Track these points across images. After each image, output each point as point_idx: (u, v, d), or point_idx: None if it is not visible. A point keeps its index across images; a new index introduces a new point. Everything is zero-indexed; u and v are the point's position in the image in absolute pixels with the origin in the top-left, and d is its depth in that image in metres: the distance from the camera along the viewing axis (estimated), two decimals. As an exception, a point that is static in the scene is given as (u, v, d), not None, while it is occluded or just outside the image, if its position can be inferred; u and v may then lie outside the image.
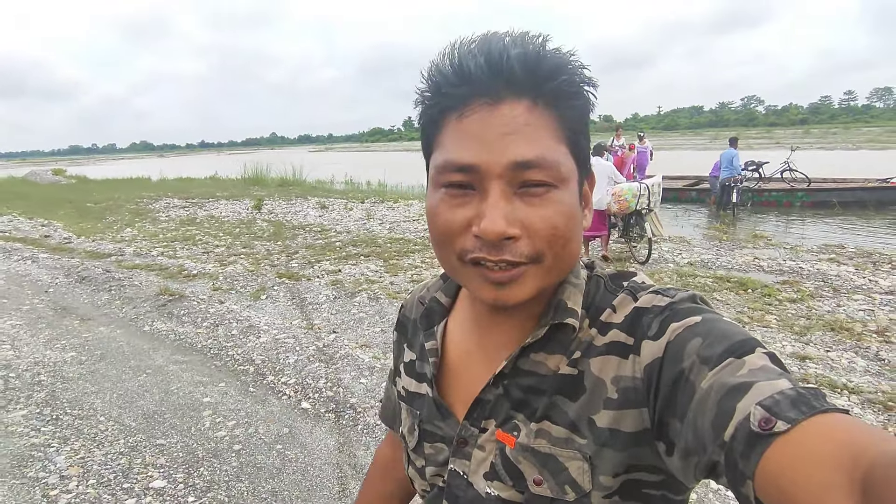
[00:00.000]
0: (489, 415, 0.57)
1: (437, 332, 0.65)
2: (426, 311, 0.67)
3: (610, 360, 0.52)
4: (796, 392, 0.37)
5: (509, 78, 0.48)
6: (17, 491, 2.42)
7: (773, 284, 5.68)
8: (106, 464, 2.62)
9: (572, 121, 0.50)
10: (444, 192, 0.51)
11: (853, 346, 4.02)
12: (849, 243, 7.91)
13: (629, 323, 0.52)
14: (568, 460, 0.52)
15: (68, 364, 3.87)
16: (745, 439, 0.36)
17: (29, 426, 2.99)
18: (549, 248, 0.49)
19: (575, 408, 0.52)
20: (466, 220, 0.49)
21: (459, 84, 0.49)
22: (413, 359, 0.69)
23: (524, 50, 0.48)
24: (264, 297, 5.48)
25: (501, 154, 0.47)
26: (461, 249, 0.50)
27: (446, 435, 0.60)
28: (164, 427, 2.98)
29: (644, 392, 0.49)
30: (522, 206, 0.48)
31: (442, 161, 0.50)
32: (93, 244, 8.74)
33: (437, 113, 0.52)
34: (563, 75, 0.49)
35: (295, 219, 10.95)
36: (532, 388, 0.55)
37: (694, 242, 8.21)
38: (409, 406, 0.67)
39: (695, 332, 0.46)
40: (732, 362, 0.42)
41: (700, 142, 59.19)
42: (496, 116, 0.48)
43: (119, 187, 20.56)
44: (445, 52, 0.51)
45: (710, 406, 0.40)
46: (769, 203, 11.82)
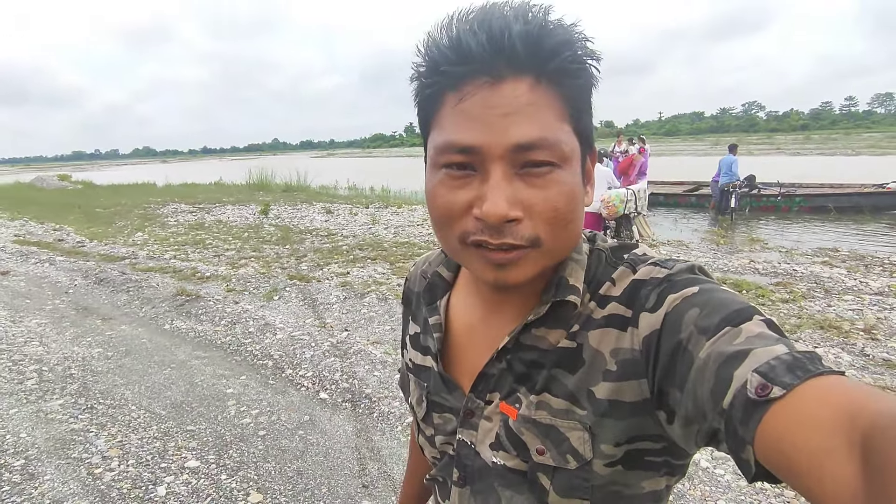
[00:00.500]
0: (493, 388, 0.58)
1: (441, 306, 0.65)
2: (429, 286, 0.68)
3: (608, 333, 0.52)
4: (792, 357, 0.38)
5: (511, 56, 0.46)
6: (64, 469, 2.64)
7: (767, 286, 5.89)
8: (142, 447, 2.84)
9: (575, 98, 0.50)
10: (444, 172, 0.50)
11: (840, 342, 4.23)
12: (843, 247, 8.11)
13: (627, 295, 0.53)
14: (568, 430, 0.53)
15: (96, 359, 4.09)
16: (743, 406, 0.37)
17: (67, 414, 3.21)
18: (551, 229, 0.49)
19: (574, 380, 0.53)
20: (467, 201, 0.49)
21: (459, 63, 0.47)
22: (417, 332, 0.70)
23: (526, 26, 0.46)
24: (277, 298, 5.70)
25: (503, 135, 0.46)
26: (462, 231, 0.50)
27: (453, 406, 0.62)
28: (192, 415, 3.20)
29: (643, 363, 0.49)
30: (524, 188, 0.48)
31: (442, 142, 0.49)
32: (106, 248, 8.97)
33: (435, 91, 0.50)
34: (566, 51, 0.47)
35: (301, 223, 11.18)
36: (534, 362, 0.56)
37: (692, 246, 8.42)
38: (416, 378, 0.68)
39: (692, 302, 0.47)
40: (729, 331, 0.42)
41: (701, 147, 59.44)
42: (497, 96, 0.46)
43: (125, 193, 20.85)
44: (443, 25, 0.49)
45: (709, 375, 0.41)
46: (767, 208, 12.03)
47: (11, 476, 2.58)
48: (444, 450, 0.64)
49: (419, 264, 0.75)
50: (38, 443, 2.88)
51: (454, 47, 0.47)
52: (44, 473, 2.61)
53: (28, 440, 2.91)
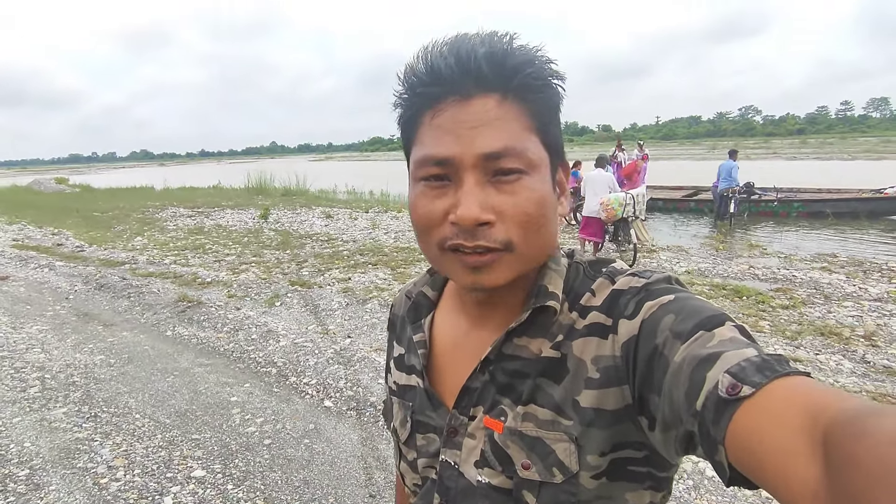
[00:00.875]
0: (476, 402, 0.59)
1: (425, 324, 0.67)
2: (413, 305, 0.70)
3: (590, 341, 0.54)
4: (761, 358, 0.39)
5: (478, 75, 0.51)
6: (70, 479, 2.64)
7: (767, 292, 5.92)
8: (148, 456, 2.84)
9: (541, 112, 0.53)
10: (423, 185, 0.54)
11: (841, 349, 4.25)
12: (841, 253, 8.15)
13: (608, 305, 0.55)
14: (554, 442, 0.53)
15: (98, 366, 4.09)
16: (715, 406, 0.38)
17: (71, 422, 3.20)
18: (523, 233, 0.52)
19: (559, 390, 0.54)
20: (444, 209, 0.52)
21: (432, 84, 0.52)
22: (402, 353, 0.71)
23: (491, 49, 0.51)
24: (279, 304, 5.70)
25: (472, 145, 0.50)
26: (441, 238, 0.53)
27: (437, 425, 0.62)
28: (197, 423, 3.20)
29: (623, 369, 0.50)
30: (495, 193, 0.51)
31: (420, 156, 0.53)
32: (105, 252, 8.96)
33: (413, 112, 0.55)
34: (528, 69, 0.51)
35: (301, 228, 11.18)
36: (517, 372, 0.57)
37: (691, 252, 8.45)
38: (400, 399, 0.68)
39: (668, 309, 0.48)
40: (703, 335, 0.44)
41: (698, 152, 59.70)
42: (467, 112, 0.51)
43: (123, 196, 20.82)
44: (419, 54, 0.54)
45: (683, 378, 0.42)
46: (766, 213, 12.08)
47: (17, 486, 2.58)
48: (425, 474, 0.64)
49: (404, 289, 0.77)
50: (42, 452, 2.87)
51: (428, 71, 0.52)
52: (49, 483, 2.60)
53: (32, 449, 2.90)
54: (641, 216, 7.50)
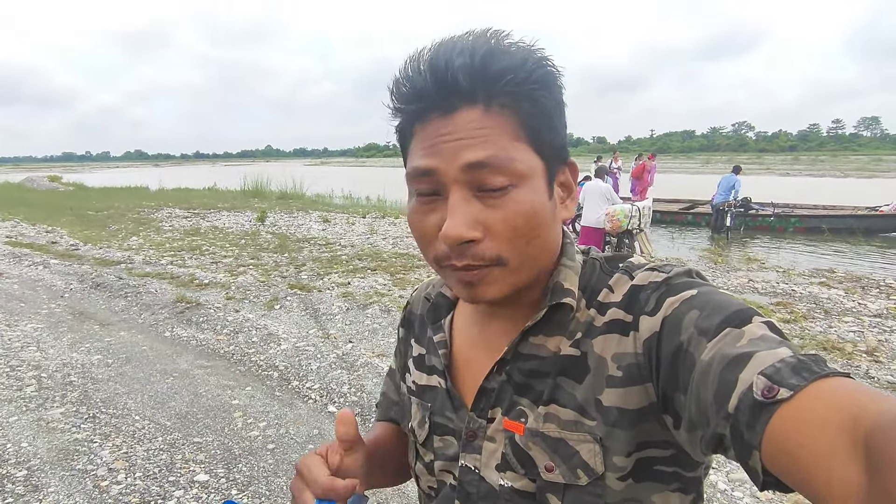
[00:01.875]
0: (494, 403, 0.58)
1: (445, 324, 0.66)
2: (433, 306, 0.68)
3: (610, 338, 0.53)
4: (797, 359, 0.38)
5: (456, 89, 0.49)
6: (69, 482, 2.57)
7: (768, 305, 5.93)
8: (149, 459, 2.77)
9: (531, 116, 0.51)
10: (416, 199, 0.53)
11: (844, 364, 4.25)
12: (839, 268, 8.20)
13: (627, 301, 0.53)
14: (578, 443, 0.52)
15: (96, 366, 4.01)
16: (750, 409, 0.37)
17: (69, 423, 3.13)
18: (512, 248, 0.50)
19: (581, 389, 0.53)
20: (436, 225, 0.51)
21: (413, 101, 0.51)
22: (422, 353, 0.70)
23: (469, 59, 0.48)
24: (278, 307, 5.63)
25: (454, 158, 0.49)
26: (436, 254, 0.53)
27: (456, 427, 0.61)
28: (198, 427, 3.13)
29: (646, 367, 0.49)
30: (483, 209, 0.50)
31: (410, 169, 0.53)
32: (101, 251, 8.85)
33: (404, 126, 0.55)
34: (509, 75, 0.49)
35: (299, 232, 11.11)
36: (534, 372, 0.56)
37: (690, 264, 8.46)
38: (419, 399, 0.67)
39: (691, 304, 0.47)
40: (731, 332, 0.42)
41: (692, 166, 60.17)
42: (449, 125, 0.49)
43: (118, 196, 20.66)
44: (404, 67, 0.53)
45: (712, 378, 0.41)
46: (762, 228, 12.15)
47: (14, 487, 2.51)
48: (442, 479, 0.63)
49: (421, 288, 0.76)
50: (40, 453, 2.80)
51: (408, 87, 0.51)
52: (48, 485, 2.54)
53: (30, 450, 2.83)
54: (646, 229, 7.54)
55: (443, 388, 0.63)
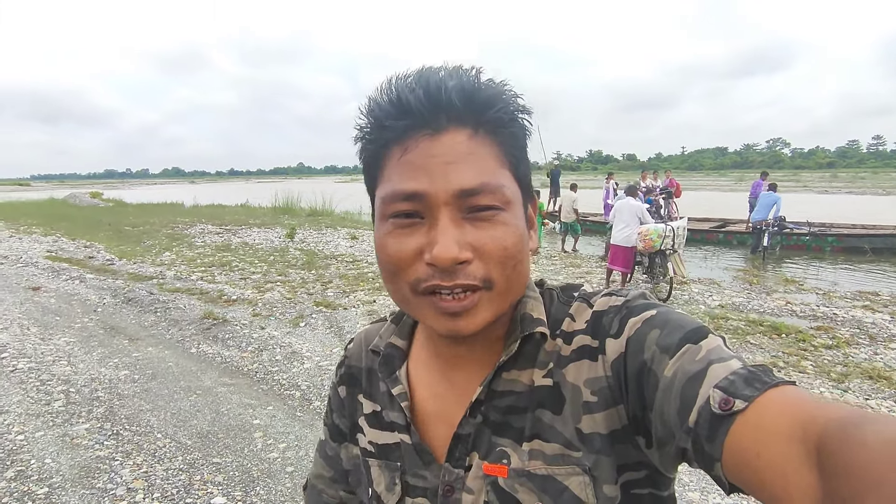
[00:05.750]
0: (472, 448, 0.55)
1: (401, 375, 0.62)
2: (384, 357, 0.64)
3: (581, 365, 0.52)
4: (748, 370, 0.40)
5: (448, 109, 0.48)
6: (88, 500, 2.57)
7: (808, 330, 5.66)
8: (168, 479, 2.76)
9: (512, 146, 0.52)
10: (391, 222, 0.51)
11: (893, 395, 4.00)
12: (883, 290, 7.83)
13: (592, 326, 0.54)
14: (567, 477, 0.51)
15: (122, 382, 4.06)
16: (709, 422, 0.38)
17: (92, 439, 3.15)
18: (501, 269, 0.49)
19: (561, 420, 0.52)
20: (416, 248, 0.49)
21: (400, 117, 0.49)
22: (377, 409, 0.64)
23: (460, 81, 0.49)
24: (303, 325, 5.64)
25: (446, 181, 0.48)
26: (414, 279, 0.50)
27: (430, 486, 0.57)
28: (218, 447, 3.12)
29: (616, 389, 0.50)
30: (472, 230, 0.49)
31: (389, 192, 0.50)
32: (134, 266, 9.08)
33: (379, 147, 0.52)
34: (499, 104, 0.50)
35: (326, 248, 11.21)
36: (511, 408, 0.54)
37: (724, 285, 8.20)
38: (383, 461, 0.62)
39: (652, 324, 0.48)
40: (690, 348, 0.44)
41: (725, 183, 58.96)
42: (438, 146, 0.48)
43: (154, 212, 21.27)
44: (383, 87, 0.51)
45: (675, 394, 0.42)
46: (798, 247, 11.74)
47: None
48: None
49: (360, 342, 0.71)
50: (62, 469, 2.82)
51: (394, 104, 0.49)
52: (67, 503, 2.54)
53: (53, 466, 2.85)
54: (680, 249, 7.28)
55: (408, 444, 0.59)
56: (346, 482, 0.70)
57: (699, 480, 2.76)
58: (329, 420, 0.72)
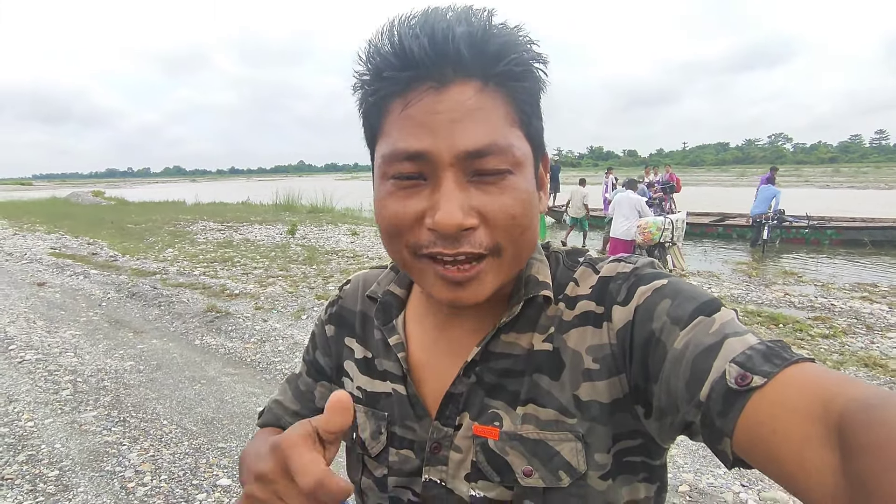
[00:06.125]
0: (463, 408, 0.54)
1: (398, 324, 0.61)
2: (382, 305, 0.62)
3: (584, 331, 0.51)
4: (765, 346, 0.39)
5: (456, 60, 0.44)
6: (98, 482, 2.64)
7: (805, 320, 5.72)
8: (174, 462, 2.83)
9: (524, 101, 0.48)
10: (392, 183, 0.48)
11: (888, 381, 4.06)
12: (882, 282, 7.87)
13: (597, 292, 0.52)
14: (559, 443, 0.50)
15: (128, 372, 4.13)
16: (722, 397, 0.37)
17: (100, 426, 3.22)
18: (508, 236, 0.47)
19: (559, 386, 0.51)
20: (418, 212, 0.47)
21: (402, 68, 0.45)
22: (368, 356, 0.63)
23: (470, 28, 0.44)
24: (305, 318, 5.71)
25: (451, 142, 0.44)
26: (414, 243, 0.48)
27: (417, 438, 0.56)
28: (223, 432, 3.18)
29: (620, 357, 0.48)
30: (478, 195, 0.46)
31: (389, 150, 0.47)
32: (137, 262, 9.15)
33: (379, 98, 0.48)
34: (511, 53, 0.46)
35: (327, 244, 11.27)
36: (507, 371, 0.53)
37: (723, 277, 8.25)
38: (370, 409, 0.61)
39: (663, 293, 0.47)
40: (703, 320, 0.43)
41: (727, 178, 58.86)
42: (444, 101, 0.44)
43: (156, 210, 21.35)
44: (384, 30, 0.47)
45: (685, 366, 0.41)
46: (797, 240, 11.78)
47: (46, 486, 2.59)
48: (397, 494, 0.57)
49: (357, 283, 0.69)
50: (72, 454, 2.89)
51: (397, 53, 0.45)
52: (77, 485, 2.61)
53: (62, 451, 2.92)
54: (679, 242, 7.36)
55: (403, 394, 0.58)
56: None
57: (693, 462, 2.82)
58: (310, 356, 0.70)
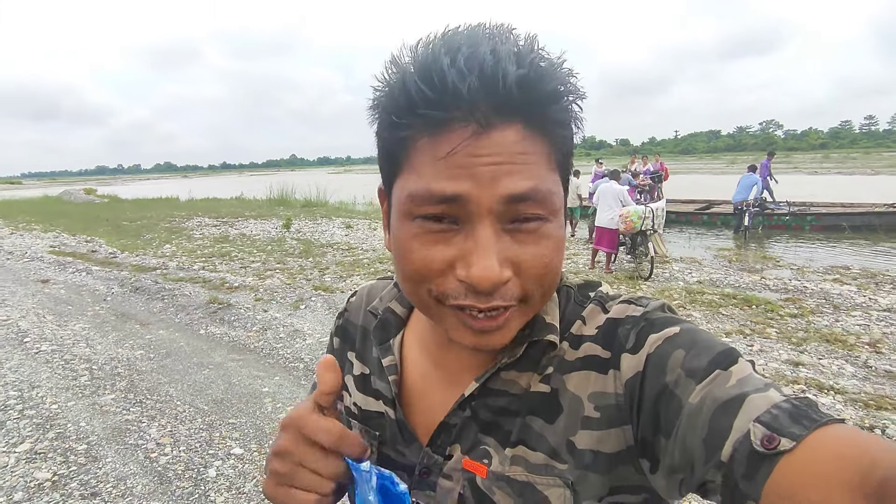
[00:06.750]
0: (454, 439, 0.53)
1: (394, 345, 0.59)
2: (381, 323, 0.61)
3: (586, 376, 0.49)
4: (791, 405, 0.36)
5: (505, 103, 0.41)
6: (123, 453, 2.93)
7: (777, 301, 6.06)
8: (191, 436, 3.12)
9: (564, 146, 0.46)
10: (418, 224, 0.44)
11: (844, 355, 4.39)
12: (854, 265, 8.23)
13: (604, 335, 0.50)
14: (547, 488, 0.48)
15: (139, 360, 4.41)
16: (748, 459, 0.35)
17: (119, 407, 3.51)
18: (539, 285, 0.45)
19: (552, 430, 0.49)
20: (448, 259, 0.44)
21: (442, 108, 0.41)
22: (365, 373, 0.63)
23: (521, 69, 0.40)
24: (303, 307, 5.99)
25: (492, 186, 0.41)
26: (441, 292, 0.45)
27: (407, 462, 0.55)
28: (232, 410, 3.48)
29: (627, 408, 0.46)
30: (512, 244, 0.43)
31: (420, 190, 0.43)
32: (137, 259, 9.38)
33: (408, 134, 0.43)
34: (564, 98, 0.43)
35: (322, 238, 11.53)
36: (503, 410, 0.52)
37: (705, 263, 8.59)
38: (363, 426, 0.60)
39: (676, 343, 0.45)
40: (720, 374, 0.41)
41: (717, 166, 59.36)
42: (486, 145, 0.41)
43: (150, 206, 21.48)
44: (417, 56, 0.43)
45: (702, 423, 0.39)
46: (779, 226, 12.15)
47: (77, 458, 2.88)
48: None
49: (361, 297, 0.69)
50: (96, 431, 3.18)
51: (437, 87, 0.40)
52: (105, 456, 2.90)
53: (87, 428, 3.21)
54: (659, 230, 7.73)
55: (391, 418, 0.57)
56: None
57: None
58: None
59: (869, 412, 3.40)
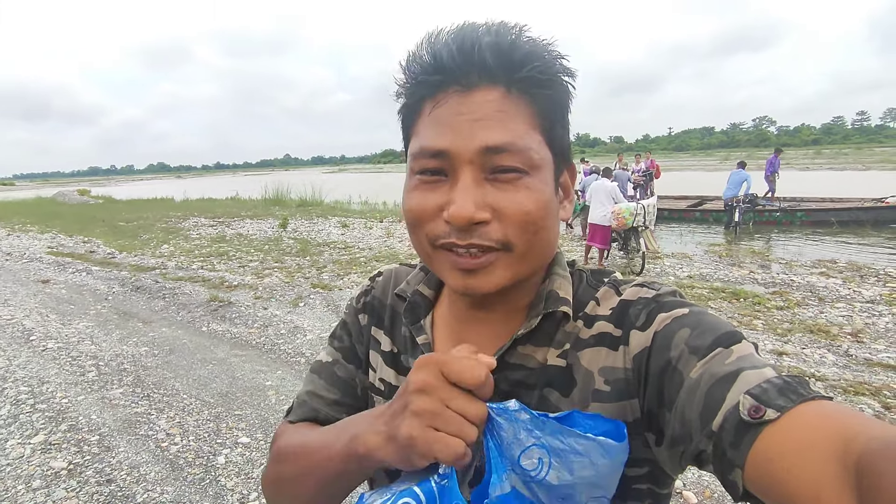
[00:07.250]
0: None
1: (426, 325, 0.63)
2: (410, 305, 0.64)
3: (598, 352, 0.52)
4: (782, 380, 0.38)
5: (481, 65, 0.48)
6: (135, 443, 3.06)
7: (764, 294, 6.23)
8: (199, 426, 3.25)
9: (547, 109, 0.50)
10: (418, 178, 0.51)
11: (827, 344, 4.56)
12: (841, 259, 8.42)
13: (616, 315, 0.53)
14: None
15: (144, 356, 4.52)
16: (735, 428, 0.37)
17: (128, 400, 3.63)
18: (521, 233, 0.49)
19: (567, 403, 0.52)
20: (437, 205, 0.50)
21: (433, 72, 0.49)
22: (394, 350, 0.66)
23: (496, 38, 0.48)
24: (302, 305, 6.11)
25: (471, 139, 0.47)
26: (432, 234, 0.51)
27: None
28: (238, 403, 3.60)
29: (634, 382, 0.49)
30: (493, 191, 0.48)
31: (417, 148, 0.51)
32: (136, 259, 9.47)
33: (414, 102, 0.52)
34: (535, 62, 0.48)
35: (319, 237, 11.64)
36: (520, 382, 0.54)
37: (695, 258, 8.76)
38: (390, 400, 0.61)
39: (683, 322, 0.47)
40: (721, 352, 0.43)
41: (711, 163, 59.72)
42: (468, 104, 0.48)
43: (145, 207, 21.52)
44: (422, 42, 0.51)
45: (699, 396, 0.41)
46: (769, 222, 12.36)
47: (90, 448, 3.00)
48: None
49: (387, 279, 0.72)
50: (108, 423, 3.30)
51: (430, 59, 0.50)
52: (118, 446, 3.02)
53: (98, 420, 3.33)
54: (651, 226, 7.92)
55: None
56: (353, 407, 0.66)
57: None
58: (345, 343, 0.70)
59: (847, 397, 3.56)
